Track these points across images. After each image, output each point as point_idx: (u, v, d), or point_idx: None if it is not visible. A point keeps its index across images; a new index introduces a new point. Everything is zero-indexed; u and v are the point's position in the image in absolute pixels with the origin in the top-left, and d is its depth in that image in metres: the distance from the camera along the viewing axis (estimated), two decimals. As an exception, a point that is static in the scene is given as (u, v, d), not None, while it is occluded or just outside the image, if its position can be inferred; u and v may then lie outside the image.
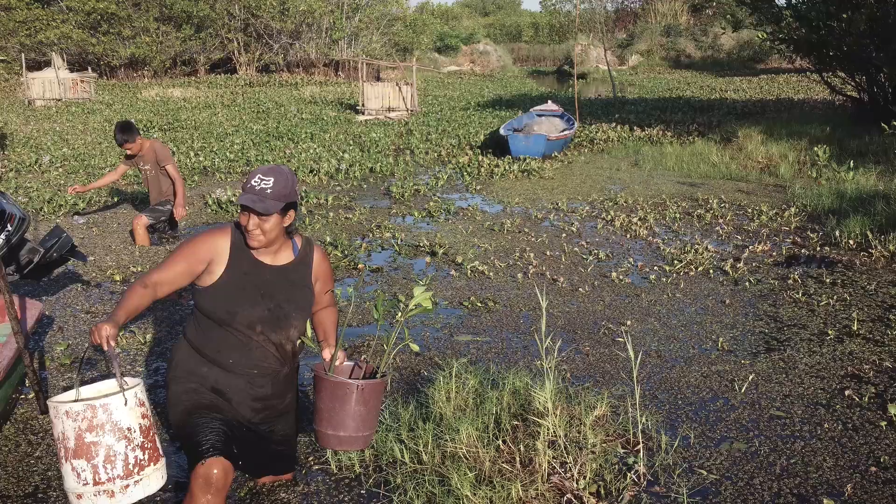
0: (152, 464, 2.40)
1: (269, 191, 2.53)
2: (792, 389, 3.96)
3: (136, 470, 2.34)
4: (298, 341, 2.73)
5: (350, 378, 2.65)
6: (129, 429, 2.34)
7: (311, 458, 3.32)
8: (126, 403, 2.33)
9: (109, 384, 2.58)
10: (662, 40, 43.60)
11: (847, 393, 3.89)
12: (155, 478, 2.41)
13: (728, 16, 32.98)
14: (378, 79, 29.52)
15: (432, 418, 3.40)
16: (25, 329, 3.47)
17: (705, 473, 3.18)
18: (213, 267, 2.60)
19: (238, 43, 32.10)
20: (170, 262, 2.58)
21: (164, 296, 2.56)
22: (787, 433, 3.52)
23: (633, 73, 37.53)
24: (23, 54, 22.21)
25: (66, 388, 3.41)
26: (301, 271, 2.73)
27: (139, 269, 6.12)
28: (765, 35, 14.21)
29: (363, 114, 18.58)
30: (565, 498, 2.92)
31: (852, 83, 14.70)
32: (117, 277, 5.87)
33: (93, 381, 2.93)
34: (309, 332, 2.67)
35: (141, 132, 14.97)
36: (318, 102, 22.15)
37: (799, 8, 13.57)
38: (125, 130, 6.62)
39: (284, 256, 2.71)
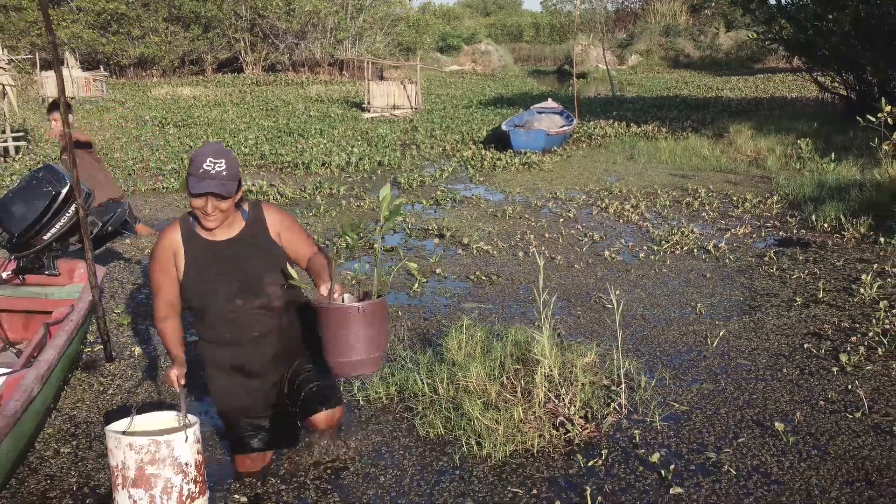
0: (202, 496, 2.63)
1: (224, 173, 2.64)
2: (759, 344, 4.54)
3: (188, 501, 2.57)
4: (284, 292, 2.87)
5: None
6: (186, 463, 2.56)
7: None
8: (187, 440, 2.57)
9: (162, 416, 2.82)
10: (661, 40, 44.15)
11: (806, 346, 4.47)
12: None
13: (722, 15, 33.49)
14: (381, 78, 30.10)
15: (447, 362, 3.97)
16: (98, 283, 4.04)
17: (677, 406, 3.76)
18: (178, 262, 2.79)
19: (245, 43, 32.71)
20: (154, 283, 2.86)
21: (180, 308, 2.86)
22: (751, 377, 4.09)
23: (632, 72, 38.09)
24: (37, 53, 22.77)
25: (120, 410, 3.69)
26: (255, 233, 2.84)
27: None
28: (755, 35, 14.77)
29: (369, 111, 19.16)
30: (558, 420, 3.49)
31: (840, 81, 15.26)
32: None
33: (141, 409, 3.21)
34: (291, 271, 2.79)
35: (160, 127, 15.56)
36: (325, 101, 22.73)
37: (788, 9, 14.14)
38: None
39: (236, 226, 2.83)
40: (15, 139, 12.33)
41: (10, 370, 3.40)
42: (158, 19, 30.74)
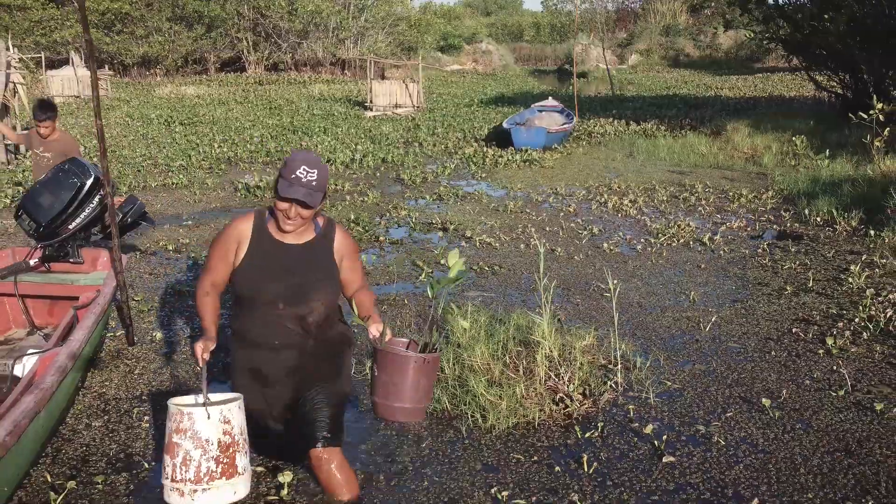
0: (224, 478, 2.58)
1: (314, 183, 2.67)
2: (749, 329, 4.76)
3: (205, 479, 2.56)
4: (327, 315, 2.88)
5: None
6: (206, 440, 2.57)
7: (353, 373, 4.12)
8: (209, 418, 2.58)
9: (227, 395, 2.83)
10: (662, 40, 44.34)
11: (794, 331, 4.69)
12: (226, 491, 2.59)
13: (721, 15, 33.70)
14: (383, 77, 30.33)
15: (452, 344, 4.19)
16: (123, 269, 4.27)
17: (670, 384, 3.98)
18: (239, 251, 2.82)
19: (247, 42, 32.95)
20: (209, 261, 2.88)
21: (223, 289, 2.89)
22: (741, 358, 4.31)
23: (632, 71, 38.28)
24: (43, 53, 23.00)
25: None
26: (322, 248, 2.88)
27: (188, 241, 6.95)
28: (753, 34, 14.98)
29: (371, 110, 19.38)
30: (558, 396, 3.72)
31: (837, 80, 15.47)
32: (170, 247, 6.69)
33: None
34: (354, 307, 2.89)
35: (167, 125, 15.78)
36: (327, 100, 22.94)
37: (786, 8, 14.35)
38: (50, 108, 6.13)
39: (306, 235, 2.86)
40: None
41: (42, 350, 3.61)
42: (162, 19, 30.98)
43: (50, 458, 3.28)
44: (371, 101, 19.61)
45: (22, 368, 3.63)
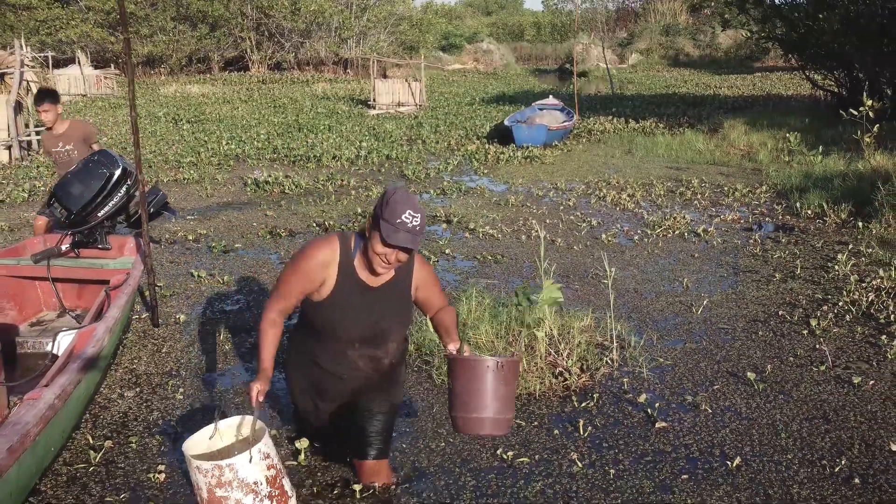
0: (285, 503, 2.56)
1: (418, 228, 2.56)
2: (738, 312, 5.04)
3: None
4: (398, 349, 2.88)
5: None
6: (255, 482, 2.49)
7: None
8: (251, 461, 2.48)
9: (246, 421, 2.72)
10: (662, 39, 44.58)
11: (781, 313, 4.97)
12: None
13: (719, 14, 33.93)
14: (385, 76, 30.62)
15: (460, 323, 4.47)
16: (150, 253, 4.55)
17: (662, 360, 4.26)
18: (324, 287, 2.69)
19: (251, 41, 33.24)
20: (283, 286, 2.71)
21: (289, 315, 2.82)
22: (729, 338, 4.60)
23: (632, 71, 38.53)
24: (50, 52, 23.28)
25: (205, 411, 3.62)
26: (402, 285, 2.78)
27: (205, 231, 7.25)
28: (749, 34, 15.25)
29: (374, 108, 19.65)
30: (557, 370, 4.00)
31: (832, 79, 15.75)
32: (189, 237, 7.00)
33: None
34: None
35: (174, 123, 16.05)
36: (330, 98, 23.22)
37: (782, 8, 14.63)
38: (48, 93, 5.90)
39: (388, 274, 2.73)
40: (38, 133, 12.83)
41: (81, 326, 3.90)
42: (166, 18, 31.27)
43: (90, 424, 3.56)
44: (374, 100, 19.88)
45: (58, 346, 3.90)
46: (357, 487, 2.93)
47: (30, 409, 2.90)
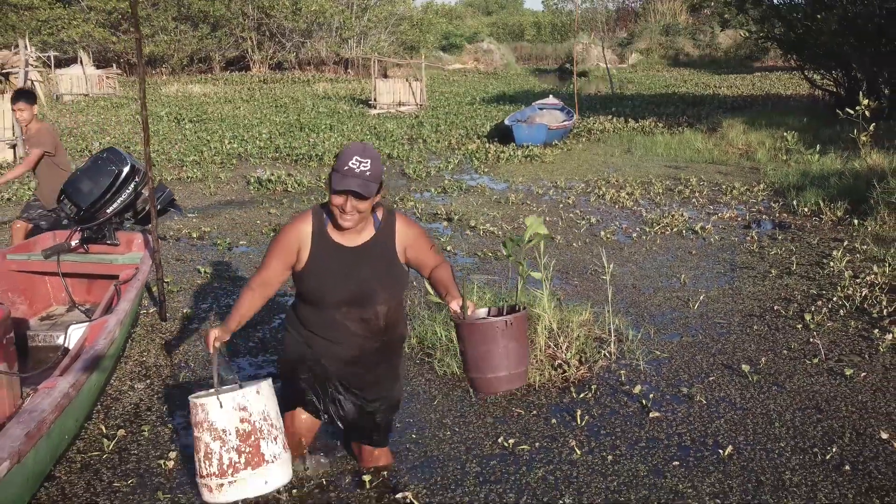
0: (249, 468, 2.50)
1: (368, 173, 2.57)
2: (734, 307, 5.14)
3: (230, 471, 2.49)
4: (391, 314, 2.81)
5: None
6: (224, 430, 2.50)
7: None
8: (221, 406, 2.49)
9: (251, 383, 2.72)
10: (662, 39, 44.65)
11: (776, 308, 5.07)
12: (254, 482, 2.51)
13: (718, 14, 34.03)
14: (385, 76, 30.72)
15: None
16: (159, 249, 4.65)
17: (659, 353, 4.36)
18: (301, 254, 2.74)
19: (252, 41, 33.35)
20: (266, 261, 2.78)
21: (274, 293, 2.81)
22: (725, 332, 4.70)
23: (632, 70, 38.61)
24: (52, 52, 23.39)
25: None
26: (383, 245, 2.77)
27: (209, 229, 7.34)
28: (748, 34, 15.35)
29: (375, 108, 19.75)
30: (556, 362, 4.10)
31: (830, 78, 15.85)
32: (194, 234, 7.10)
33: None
34: (428, 286, 2.80)
35: (176, 122, 16.13)
36: (331, 98, 23.32)
37: (781, 8, 14.73)
38: (24, 94, 5.83)
39: (366, 233, 2.76)
40: (41, 133, 12.92)
41: (92, 319, 3.99)
42: (168, 18, 31.38)
43: (102, 414, 3.67)
44: (375, 99, 19.97)
45: (69, 339, 3.99)
46: (367, 478, 3.03)
47: (45, 397, 3.00)
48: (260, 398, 2.63)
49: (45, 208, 5.73)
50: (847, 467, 3.18)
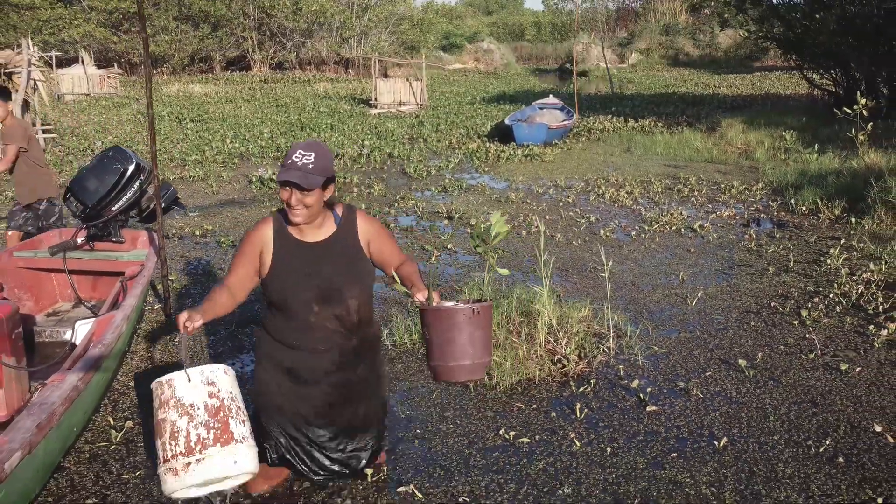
0: (218, 444, 2.40)
1: (310, 166, 2.59)
2: (732, 304, 5.20)
3: (197, 448, 2.37)
4: (362, 309, 2.80)
5: None
6: (192, 405, 2.42)
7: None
8: (189, 380, 2.45)
9: (218, 367, 2.65)
10: (661, 39, 44.72)
11: (773, 305, 5.13)
12: (223, 460, 2.40)
13: (718, 14, 34.10)
14: (386, 76, 30.78)
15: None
16: (164, 247, 4.72)
17: (657, 348, 4.43)
18: (264, 257, 2.74)
19: (252, 41, 33.42)
20: (233, 266, 2.80)
21: (244, 299, 2.80)
22: (722, 328, 4.76)
23: (632, 70, 38.69)
24: (54, 52, 23.44)
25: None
26: (344, 240, 2.78)
27: (211, 227, 7.41)
28: (748, 33, 15.41)
29: (376, 107, 19.82)
30: (556, 357, 4.16)
31: (829, 78, 15.91)
32: (197, 232, 7.17)
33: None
34: (395, 276, 2.78)
35: (178, 122, 16.19)
36: (332, 97, 23.39)
37: (780, 8, 14.79)
38: (2, 91, 5.69)
39: (326, 229, 2.77)
40: (45, 132, 13.02)
41: (99, 314, 4.06)
42: (169, 18, 31.45)
43: (109, 407, 3.73)
44: (376, 99, 20.05)
45: (75, 335, 4.06)
46: (369, 471, 3.09)
47: (55, 390, 3.07)
48: (228, 378, 2.60)
49: (27, 211, 5.75)
50: (841, 459, 3.24)
